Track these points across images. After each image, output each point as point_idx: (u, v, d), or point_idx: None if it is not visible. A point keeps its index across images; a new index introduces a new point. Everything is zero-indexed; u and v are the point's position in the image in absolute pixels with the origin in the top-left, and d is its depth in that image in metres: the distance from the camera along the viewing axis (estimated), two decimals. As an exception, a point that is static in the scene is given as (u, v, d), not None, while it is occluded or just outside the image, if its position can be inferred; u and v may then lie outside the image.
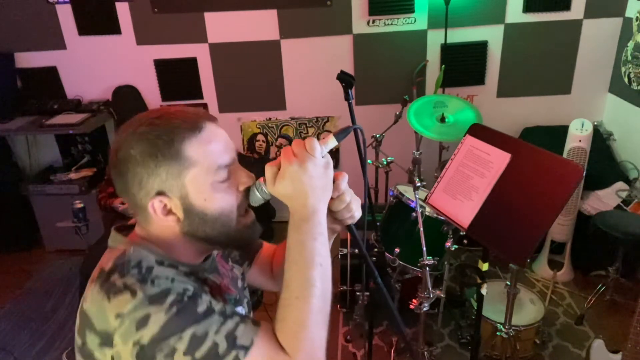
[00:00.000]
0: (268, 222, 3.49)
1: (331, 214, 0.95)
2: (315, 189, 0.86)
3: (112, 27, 3.51)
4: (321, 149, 0.87)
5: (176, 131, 0.84)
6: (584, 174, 1.41)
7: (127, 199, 0.89)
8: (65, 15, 3.51)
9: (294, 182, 0.85)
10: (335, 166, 0.92)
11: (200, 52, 3.57)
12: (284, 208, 0.89)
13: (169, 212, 0.87)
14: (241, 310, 1.05)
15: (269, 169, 0.88)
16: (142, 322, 0.77)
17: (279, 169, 0.87)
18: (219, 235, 0.90)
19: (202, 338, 0.77)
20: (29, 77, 3.68)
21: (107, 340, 0.80)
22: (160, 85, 3.67)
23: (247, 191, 0.91)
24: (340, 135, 0.89)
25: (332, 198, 0.91)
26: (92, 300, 0.83)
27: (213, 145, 0.86)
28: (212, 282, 0.98)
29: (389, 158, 2.80)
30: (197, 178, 0.85)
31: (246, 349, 0.78)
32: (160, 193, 0.85)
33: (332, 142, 0.89)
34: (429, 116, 2.82)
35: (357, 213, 0.97)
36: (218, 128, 0.89)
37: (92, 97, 3.72)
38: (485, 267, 1.67)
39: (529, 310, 2.48)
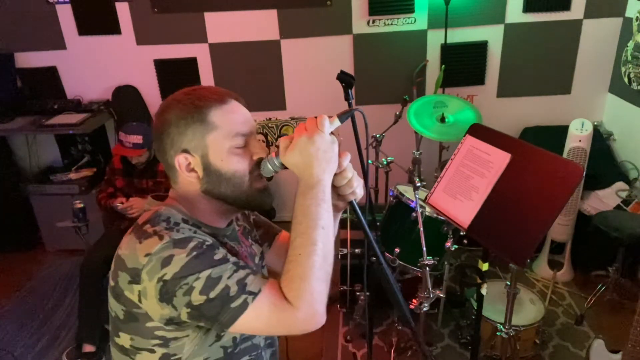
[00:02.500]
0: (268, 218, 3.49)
1: (334, 190, 1.04)
2: (321, 160, 0.96)
3: (112, 27, 3.51)
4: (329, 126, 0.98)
5: (205, 100, 0.99)
6: (584, 174, 1.41)
7: (162, 158, 1.03)
8: (65, 15, 3.51)
9: (302, 152, 0.95)
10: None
11: (200, 52, 3.57)
12: (284, 208, 0.91)
13: (191, 169, 1.00)
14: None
15: (283, 141, 0.99)
16: (167, 261, 0.88)
17: (292, 142, 0.97)
18: (233, 195, 1.02)
19: (217, 280, 0.88)
20: (29, 77, 3.68)
21: (135, 277, 0.91)
22: (160, 85, 3.67)
23: (260, 162, 1.02)
24: (343, 116, 1.02)
25: (335, 174, 1.00)
26: (127, 245, 0.95)
27: (234, 116, 1.01)
28: (232, 248, 1.08)
29: (389, 158, 2.81)
30: (217, 140, 0.98)
31: (254, 295, 0.89)
32: (185, 151, 0.99)
33: (336, 123, 1.00)
34: (429, 116, 2.82)
35: (359, 190, 1.06)
36: (242, 106, 1.04)
37: (92, 97, 3.72)
38: (485, 267, 1.67)
39: (529, 310, 2.48)
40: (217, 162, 0.99)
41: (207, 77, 3.63)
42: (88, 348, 2.62)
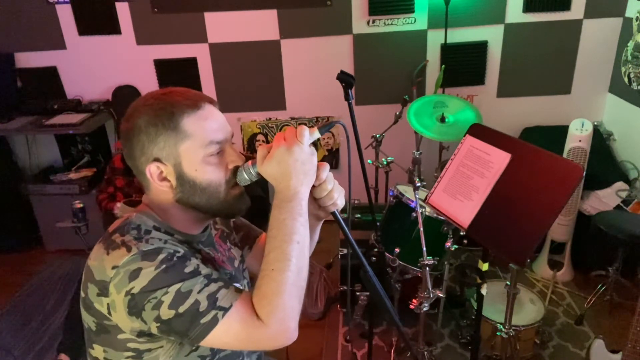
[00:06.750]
0: (264, 222, 3.48)
1: (315, 201, 1.02)
2: (298, 172, 0.92)
3: (112, 27, 3.51)
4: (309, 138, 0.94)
5: (177, 106, 0.94)
6: (584, 174, 1.41)
7: (131, 164, 0.99)
8: (65, 15, 3.51)
9: (280, 163, 0.92)
10: (336, 167, 0.96)
11: (200, 52, 3.57)
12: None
13: (163, 178, 0.97)
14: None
15: (260, 149, 0.95)
16: (134, 275, 0.86)
17: (270, 151, 0.94)
18: (207, 205, 0.98)
19: (186, 295, 0.85)
20: (29, 77, 3.68)
21: (103, 289, 0.89)
22: (160, 85, 3.67)
23: (236, 170, 0.99)
24: (323, 129, 0.98)
25: (314, 186, 0.98)
26: (95, 256, 0.93)
27: (208, 123, 0.95)
28: (207, 254, 1.06)
29: (389, 158, 2.80)
30: (191, 149, 0.94)
31: (225, 310, 0.86)
32: (157, 159, 0.95)
33: (316, 134, 0.96)
34: (429, 116, 2.82)
35: (340, 201, 1.03)
36: (216, 110, 0.99)
37: (92, 97, 3.72)
38: (485, 267, 1.67)
39: (529, 310, 2.48)
40: (190, 172, 0.95)
41: (207, 77, 3.63)
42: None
